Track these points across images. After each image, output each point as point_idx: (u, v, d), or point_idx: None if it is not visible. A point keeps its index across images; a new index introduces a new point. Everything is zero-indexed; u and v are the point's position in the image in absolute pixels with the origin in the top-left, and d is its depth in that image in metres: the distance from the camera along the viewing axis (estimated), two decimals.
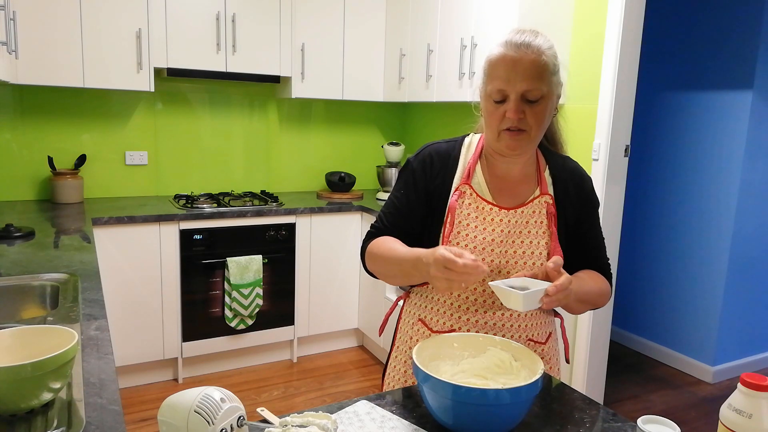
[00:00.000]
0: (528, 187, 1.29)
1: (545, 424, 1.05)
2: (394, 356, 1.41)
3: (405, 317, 1.39)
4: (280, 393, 3.10)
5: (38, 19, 2.76)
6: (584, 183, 1.33)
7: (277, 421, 0.98)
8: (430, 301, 1.32)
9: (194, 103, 3.52)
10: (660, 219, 3.67)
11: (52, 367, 0.94)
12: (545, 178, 1.29)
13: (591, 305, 1.30)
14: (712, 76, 3.35)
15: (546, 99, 1.17)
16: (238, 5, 3.21)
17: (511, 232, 1.25)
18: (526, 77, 1.14)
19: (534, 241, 1.25)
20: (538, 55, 1.15)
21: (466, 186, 1.27)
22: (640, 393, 3.26)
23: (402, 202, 1.33)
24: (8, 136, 3.10)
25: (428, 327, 1.31)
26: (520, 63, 1.14)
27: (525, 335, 1.28)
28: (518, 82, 1.14)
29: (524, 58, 1.14)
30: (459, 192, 1.27)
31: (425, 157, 1.32)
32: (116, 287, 2.89)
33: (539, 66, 1.14)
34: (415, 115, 4.09)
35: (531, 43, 1.15)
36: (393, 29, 3.60)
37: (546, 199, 1.27)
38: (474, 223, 1.25)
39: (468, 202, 1.26)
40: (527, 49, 1.15)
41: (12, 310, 1.66)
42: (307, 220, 3.34)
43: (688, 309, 3.52)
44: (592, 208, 1.34)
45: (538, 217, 1.26)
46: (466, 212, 1.26)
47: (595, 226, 1.35)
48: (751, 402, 0.86)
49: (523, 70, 1.14)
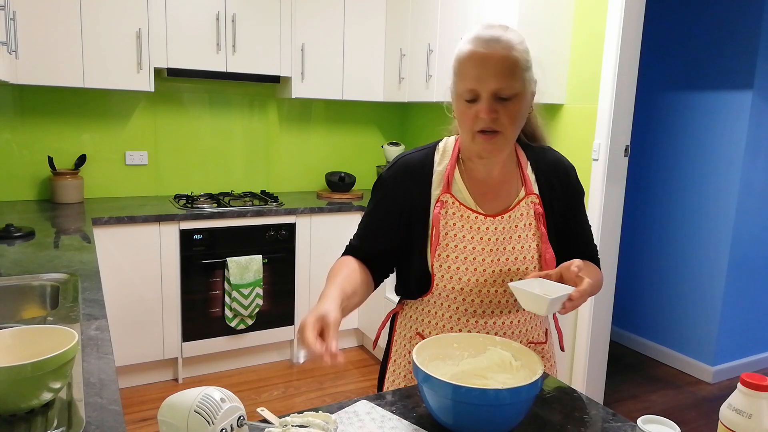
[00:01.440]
0: (511, 187, 1.24)
1: (545, 424, 1.05)
2: (392, 370, 1.36)
3: (400, 330, 1.35)
4: (280, 393, 3.10)
5: (38, 19, 2.76)
6: (569, 174, 1.29)
7: (277, 421, 0.98)
8: (427, 314, 1.28)
9: (194, 103, 3.52)
10: (660, 219, 3.67)
11: (52, 367, 0.94)
12: (528, 175, 1.25)
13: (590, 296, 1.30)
14: (712, 76, 3.35)
15: (519, 97, 1.11)
16: (238, 5, 3.21)
17: (499, 239, 1.21)
18: (497, 74, 1.08)
19: (525, 245, 1.22)
20: (509, 50, 1.08)
21: (447, 195, 1.22)
22: (640, 393, 3.26)
23: (373, 221, 1.29)
24: (8, 136, 3.10)
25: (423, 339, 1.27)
26: (490, 59, 1.08)
27: (525, 339, 1.27)
28: (489, 80, 1.08)
29: (494, 54, 1.08)
30: (441, 202, 1.22)
31: (397, 170, 1.26)
32: (116, 287, 2.89)
33: (510, 62, 1.08)
34: (415, 115, 4.09)
35: (500, 38, 1.09)
36: (393, 29, 3.60)
37: (532, 199, 1.23)
38: (461, 233, 1.21)
39: (452, 212, 1.22)
40: (497, 45, 1.08)
41: (12, 310, 1.66)
42: (307, 220, 3.34)
43: (688, 309, 3.52)
44: (578, 199, 1.30)
45: (526, 219, 1.22)
46: (451, 222, 1.22)
47: (582, 216, 1.32)
48: (751, 402, 0.86)
49: (493, 67, 1.08)
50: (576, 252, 1.29)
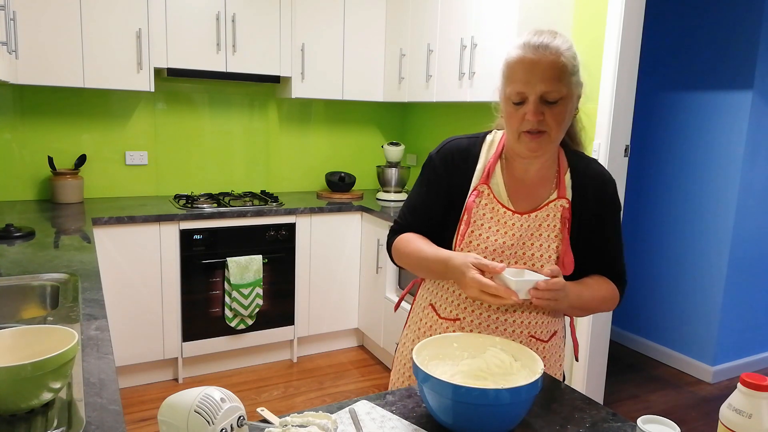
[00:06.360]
0: (545, 190, 1.29)
1: (545, 424, 1.05)
2: (405, 334, 1.46)
3: (418, 300, 1.43)
4: (280, 393, 3.10)
5: (38, 19, 2.76)
6: (606, 187, 1.31)
7: (277, 421, 0.98)
8: (441, 288, 1.35)
9: (194, 103, 3.52)
10: (660, 219, 3.67)
11: (52, 367, 0.94)
12: (564, 181, 1.29)
13: (589, 311, 1.32)
14: (712, 76, 3.35)
15: (565, 100, 1.17)
16: (238, 5, 3.21)
17: (523, 236, 1.26)
18: (545, 79, 1.14)
19: (545, 245, 1.26)
20: (557, 56, 1.15)
21: (485, 186, 1.28)
22: (640, 393, 3.26)
23: (421, 200, 1.36)
24: (8, 136, 3.10)
25: (437, 313, 1.34)
26: (539, 65, 1.14)
27: (527, 331, 1.29)
28: (537, 84, 1.14)
29: (543, 60, 1.14)
30: (477, 191, 1.29)
31: (446, 153, 1.33)
32: (116, 287, 2.89)
33: (558, 67, 1.15)
34: (415, 115, 4.09)
35: (549, 45, 1.15)
36: (393, 29, 3.60)
37: (562, 203, 1.27)
38: (488, 224, 1.27)
39: (485, 203, 1.28)
40: (546, 51, 1.15)
41: (12, 310, 1.66)
42: (307, 220, 3.34)
43: (688, 309, 3.52)
44: (611, 213, 1.32)
45: (552, 221, 1.26)
46: (481, 212, 1.28)
47: (613, 232, 1.33)
48: (751, 402, 0.86)
49: (541, 72, 1.14)
50: (599, 267, 1.32)
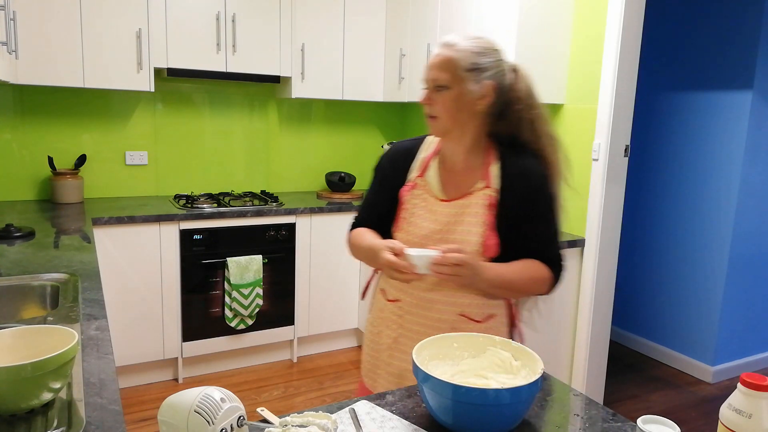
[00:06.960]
0: (472, 179, 1.39)
1: (545, 424, 1.05)
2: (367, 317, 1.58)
3: (374, 286, 1.58)
4: (280, 393, 3.10)
5: (38, 19, 2.76)
6: (531, 180, 1.37)
7: (277, 421, 0.98)
8: None
9: (194, 103, 3.52)
10: (660, 219, 3.67)
11: (52, 367, 0.94)
12: (490, 172, 1.37)
13: (517, 292, 1.38)
14: (712, 76, 3.35)
15: (450, 89, 1.30)
16: (238, 5, 3.21)
17: (449, 222, 1.37)
18: (434, 67, 1.32)
19: (470, 230, 1.35)
20: (449, 49, 1.31)
21: (420, 179, 1.43)
22: (640, 393, 3.26)
23: (372, 197, 1.53)
24: (8, 136, 3.10)
25: (385, 296, 1.47)
26: (435, 57, 1.33)
27: (458, 310, 1.37)
28: (428, 72, 1.33)
29: (439, 53, 1.32)
30: (412, 184, 1.43)
31: (393, 154, 1.50)
32: (116, 287, 2.89)
33: (447, 59, 1.30)
34: (415, 115, 4.09)
35: (450, 42, 1.32)
36: (393, 29, 3.60)
37: (488, 192, 1.36)
38: (420, 212, 1.40)
39: (418, 192, 1.42)
40: (443, 47, 1.32)
41: (12, 310, 1.66)
42: (307, 220, 3.34)
43: (688, 309, 3.52)
44: (536, 203, 1.38)
45: (476, 208, 1.36)
46: (414, 202, 1.42)
47: (541, 221, 1.38)
48: (751, 402, 0.86)
49: (432, 62, 1.32)
50: (527, 252, 1.39)
